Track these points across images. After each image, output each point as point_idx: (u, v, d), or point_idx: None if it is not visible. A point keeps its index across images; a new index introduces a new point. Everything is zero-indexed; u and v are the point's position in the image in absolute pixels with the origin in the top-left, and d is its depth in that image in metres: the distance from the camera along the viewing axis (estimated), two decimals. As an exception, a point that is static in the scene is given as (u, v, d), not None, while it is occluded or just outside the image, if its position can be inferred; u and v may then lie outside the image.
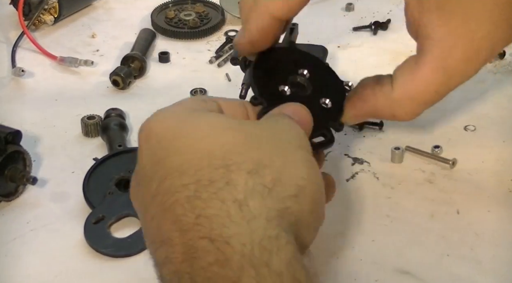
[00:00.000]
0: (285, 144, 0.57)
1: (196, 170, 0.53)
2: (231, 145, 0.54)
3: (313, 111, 0.63)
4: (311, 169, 0.56)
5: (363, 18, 1.05)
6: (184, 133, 0.55)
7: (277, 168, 0.54)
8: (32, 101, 0.92)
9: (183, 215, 0.51)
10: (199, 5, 1.07)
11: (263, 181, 0.53)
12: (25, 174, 0.76)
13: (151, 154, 0.56)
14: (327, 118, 0.66)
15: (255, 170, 0.53)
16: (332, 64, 0.95)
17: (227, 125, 0.56)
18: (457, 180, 0.79)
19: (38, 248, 0.72)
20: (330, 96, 0.66)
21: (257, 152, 0.54)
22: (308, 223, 0.55)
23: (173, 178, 0.53)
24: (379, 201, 0.77)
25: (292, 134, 0.58)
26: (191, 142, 0.54)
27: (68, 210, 0.76)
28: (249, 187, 0.52)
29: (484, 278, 0.68)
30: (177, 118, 0.57)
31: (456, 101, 0.89)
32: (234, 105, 0.63)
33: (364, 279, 0.68)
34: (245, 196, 0.51)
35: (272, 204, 0.52)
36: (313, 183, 0.56)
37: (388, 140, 0.84)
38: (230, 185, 0.52)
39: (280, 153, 0.55)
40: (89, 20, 1.07)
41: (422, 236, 0.72)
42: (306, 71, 0.67)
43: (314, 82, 0.67)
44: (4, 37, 1.03)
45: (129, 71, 0.94)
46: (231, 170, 0.53)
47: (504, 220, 0.74)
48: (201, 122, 0.56)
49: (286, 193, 0.53)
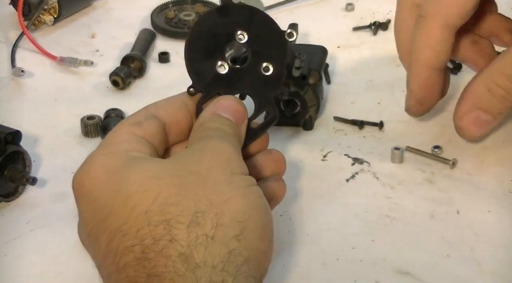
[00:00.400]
0: (217, 175, 0.57)
1: (138, 230, 0.54)
2: (165, 197, 0.55)
3: (254, 86, 0.63)
4: (249, 196, 0.58)
5: (363, 18, 1.05)
6: (117, 188, 0.56)
7: (215, 210, 0.55)
8: (32, 101, 0.92)
9: (136, 276, 0.53)
10: (199, 5, 1.07)
11: (204, 231, 0.54)
12: (25, 174, 0.76)
13: (91, 213, 0.57)
14: (270, 88, 0.65)
15: (194, 222, 0.54)
16: (332, 64, 0.96)
17: (155, 174, 0.56)
18: (457, 180, 0.79)
19: (38, 248, 0.72)
20: (271, 58, 0.64)
21: (192, 200, 0.55)
22: (261, 250, 0.57)
23: (118, 240, 0.55)
24: (379, 201, 0.77)
25: (223, 160, 0.58)
26: (124, 200, 0.56)
27: (68, 210, 0.76)
28: (192, 239, 0.54)
29: (484, 278, 0.68)
30: (107, 172, 0.58)
31: (456, 101, 0.89)
32: (174, 110, 0.65)
33: (364, 279, 0.68)
34: (189, 249, 0.53)
35: (217, 250, 0.54)
36: (255, 209, 0.57)
37: (388, 140, 0.84)
38: (174, 241, 0.53)
39: (214, 191, 0.56)
40: (89, 20, 1.07)
41: (422, 236, 0.72)
42: (244, 33, 0.65)
43: (253, 43, 0.65)
44: (4, 37, 1.03)
45: (129, 71, 0.94)
46: (171, 225, 0.54)
47: (504, 220, 0.74)
48: (131, 175, 0.57)
49: (229, 236, 0.55)
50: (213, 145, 0.60)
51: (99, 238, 0.57)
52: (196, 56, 0.65)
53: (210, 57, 0.65)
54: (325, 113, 0.88)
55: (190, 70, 0.66)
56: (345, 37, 1.02)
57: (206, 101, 0.65)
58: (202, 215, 0.55)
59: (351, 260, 0.70)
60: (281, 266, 0.69)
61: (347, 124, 0.87)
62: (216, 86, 0.65)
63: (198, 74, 0.66)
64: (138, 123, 0.62)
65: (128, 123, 0.63)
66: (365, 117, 0.87)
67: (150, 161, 0.59)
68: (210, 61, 0.65)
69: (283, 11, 1.07)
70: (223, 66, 0.65)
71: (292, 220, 0.74)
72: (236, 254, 0.55)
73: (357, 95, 0.91)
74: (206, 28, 0.65)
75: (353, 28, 1.04)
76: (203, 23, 0.66)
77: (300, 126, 0.86)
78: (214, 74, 0.65)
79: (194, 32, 0.66)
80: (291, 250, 0.71)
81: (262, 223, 0.58)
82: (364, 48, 1.00)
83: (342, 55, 0.99)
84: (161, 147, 0.64)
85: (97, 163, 0.59)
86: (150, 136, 0.62)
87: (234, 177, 0.58)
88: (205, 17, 0.66)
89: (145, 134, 0.62)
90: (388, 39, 1.01)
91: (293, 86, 0.83)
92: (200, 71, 0.65)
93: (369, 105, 0.90)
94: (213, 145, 0.60)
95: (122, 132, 0.62)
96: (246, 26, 0.64)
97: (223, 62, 0.65)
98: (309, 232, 0.73)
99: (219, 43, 0.65)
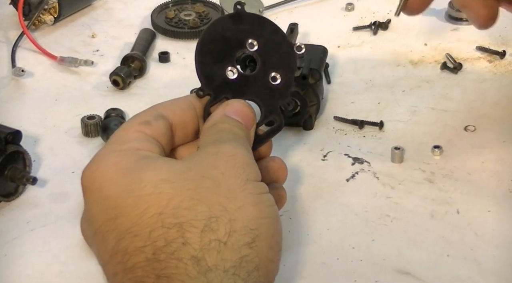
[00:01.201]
0: (232, 181, 0.57)
1: (150, 231, 0.54)
2: (178, 200, 0.55)
3: (262, 94, 0.63)
4: (262, 205, 0.58)
5: (363, 18, 1.05)
6: (128, 189, 0.56)
7: (229, 216, 0.55)
8: (32, 101, 0.92)
9: (144, 276, 0.53)
10: (199, 5, 1.07)
11: (217, 236, 0.54)
12: (25, 174, 0.76)
13: (101, 210, 0.57)
14: (277, 97, 0.65)
15: (208, 227, 0.54)
16: (332, 64, 0.96)
17: (168, 177, 0.56)
18: (457, 180, 0.79)
19: (38, 248, 0.72)
20: (279, 67, 0.65)
21: (206, 205, 0.55)
22: (270, 259, 0.57)
23: (128, 240, 0.55)
24: (379, 201, 0.77)
25: (238, 165, 0.58)
26: (136, 201, 0.55)
27: (68, 210, 0.76)
28: (204, 243, 0.54)
29: (484, 278, 0.68)
30: (118, 170, 0.57)
31: (456, 101, 0.89)
32: (182, 111, 0.64)
33: (364, 279, 0.68)
34: (202, 252, 0.53)
35: (229, 255, 0.54)
36: (267, 218, 0.57)
37: (388, 140, 0.84)
38: (186, 244, 0.53)
39: (228, 197, 0.56)
40: (89, 20, 1.07)
41: (422, 236, 0.72)
42: (255, 41, 0.65)
43: (263, 52, 0.65)
44: (4, 37, 1.03)
45: (129, 71, 0.94)
46: (185, 229, 0.54)
47: (504, 220, 0.74)
48: (144, 176, 0.56)
49: (241, 243, 0.55)
50: (228, 148, 0.59)
51: (106, 237, 0.56)
52: (207, 59, 0.66)
53: (220, 62, 0.65)
54: (325, 113, 0.88)
55: (200, 72, 0.66)
56: (345, 37, 1.02)
57: (213, 105, 0.65)
58: (216, 220, 0.55)
59: (351, 260, 0.70)
60: (281, 266, 0.69)
61: (347, 124, 0.87)
62: (224, 91, 0.65)
63: (207, 77, 0.66)
64: (147, 123, 0.62)
65: (137, 122, 0.62)
66: (365, 117, 0.87)
67: (162, 162, 0.59)
68: (220, 65, 0.65)
69: (283, 11, 1.07)
70: (232, 71, 0.65)
71: (292, 220, 0.74)
72: (248, 261, 0.55)
73: (357, 95, 0.91)
74: (218, 32, 0.66)
75: (353, 28, 1.04)
76: (215, 28, 0.66)
77: (300, 126, 0.86)
78: (223, 78, 0.66)
79: (206, 35, 0.66)
80: (291, 250, 0.71)
81: (273, 232, 0.58)
82: (364, 48, 1.00)
83: (342, 55, 0.99)
84: (168, 147, 0.64)
85: (108, 160, 0.58)
86: (159, 136, 0.62)
87: (248, 184, 0.58)
88: (218, 22, 0.66)
89: (154, 134, 0.62)
90: (388, 39, 1.01)
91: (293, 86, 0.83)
92: (209, 74, 0.66)
93: (369, 105, 0.90)
94: (228, 149, 0.59)
95: (132, 131, 0.62)
96: (257, 35, 0.65)
97: (232, 67, 0.65)
98: (309, 232, 0.73)
99: (230, 49, 0.66)
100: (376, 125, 0.86)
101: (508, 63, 0.96)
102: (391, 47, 1.00)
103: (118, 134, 0.62)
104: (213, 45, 0.66)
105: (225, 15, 0.67)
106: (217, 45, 0.66)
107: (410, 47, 0.99)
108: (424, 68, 0.96)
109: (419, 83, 0.93)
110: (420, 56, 0.97)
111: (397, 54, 0.98)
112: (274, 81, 0.65)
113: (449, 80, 0.93)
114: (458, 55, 0.96)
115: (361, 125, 0.86)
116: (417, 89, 0.92)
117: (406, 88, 0.92)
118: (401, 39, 1.00)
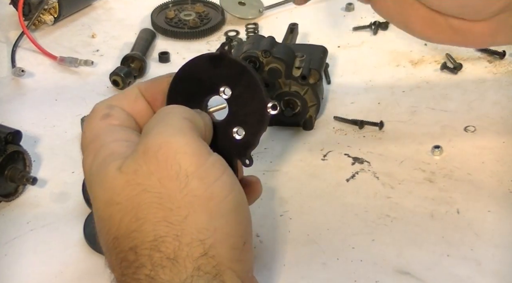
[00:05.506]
0: (170, 186, 0.54)
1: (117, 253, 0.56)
2: (127, 221, 0.55)
3: (222, 144, 0.60)
4: (211, 205, 0.54)
5: (363, 18, 1.05)
6: (103, 206, 0.57)
7: (174, 232, 0.54)
8: (32, 101, 0.92)
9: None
10: (199, 5, 1.07)
11: (166, 255, 0.53)
12: (25, 174, 0.76)
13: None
14: (235, 153, 0.60)
15: (155, 248, 0.54)
16: (332, 64, 0.96)
17: (112, 197, 0.55)
18: (457, 180, 0.79)
19: (38, 248, 0.72)
20: (246, 123, 0.60)
21: (150, 223, 0.54)
22: (236, 258, 0.55)
23: (107, 258, 0.57)
24: (379, 201, 0.77)
25: (169, 163, 0.54)
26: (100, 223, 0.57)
27: (68, 210, 0.76)
28: (155, 262, 0.53)
29: (484, 278, 0.68)
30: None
31: (456, 102, 0.89)
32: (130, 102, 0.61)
33: (364, 279, 0.68)
34: (154, 271, 0.53)
35: (182, 268, 0.53)
36: (220, 219, 0.55)
37: (388, 140, 0.84)
38: (141, 267, 0.54)
39: (171, 209, 0.54)
40: (89, 20, 1.07)
41: (422, 236, 0.72)
42: (229, 89, 0.60)
43: (234, 102, 0.60)
44: (4, 37, 1.03)
45: (129, 71, 0.94)
46: (137, 252, 0.54)
47: (504, 220, 0.74)
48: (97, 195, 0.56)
49: (195, 256, 0.54)
50: (152, 141, 0.55)
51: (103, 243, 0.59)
52: (177, 98, 0.62)
53: (189, 102, 0.61)
54: (325, 113, 0.88)
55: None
56: (345, 37, 1.02)
57: None
58: (162, 240, 0.54)
59: (351, 260, 0.70)
60: (281, 266, 0.69)
61: (347, 124, 0.87)
62: None
63: None
64: (106, 115, 0.59)
65: (98, 119, 0.59)
66: (365, 117, 0.87)
67: (106, 178, 0.56)
68: (189, 105, 0.61)
69: (283, 11, 1.07)
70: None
71: (292, 220, 0.74)
72: (206, 271, 0.54)
73: (357, 95, 0.91)
74: (193, 72, 0.62)
75: (353, 28, 1.04)
76: (191, 67, 0.62)
77: (300, 126, 0.86)
78: None
79: (180, 73, 0.62)
80: (291, 250, 0.71)
81: (232, 230, 0.55)
82: (364, 48, 1.00)
83: (342, 55, 0.99)
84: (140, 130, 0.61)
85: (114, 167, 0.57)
86: (125, 121, 0.60)
87: (190, 182, 0.54)
88: (196, 61, 0.62)
89: (121, 122, 0.60)
90: (388, 39, 1.01)
91: (293, 86, 0.83)
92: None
93: (369, 105, 0.90)
94: (152, 142, 0.55)
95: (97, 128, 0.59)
96: (232, 83, 0.60)
97: (201, 111, 0.61)
98: (309, 232, 0.73)
99: (202, 92, 0.62)
100: (376, 125, 0.86)
101: (508, 64, 0.96)
102: (391, 47, 1.00)
103: (91, 138, 0.59)
104: (186, 84, 0.62)
105: (205, 54, 0.61)
106: (189, 85, 0.62)
107: (410, 47, 0.99)
108: (424, 68, 0.96)
109: (419, 83, 0.93)
110: (420, 56, 0.97)
111: (397, 54, 0.98)
112: (237, 135, 0.60)
113: (449, 81, 0.93)
114: (458, 55, 0.96)
115: (361, 125, 0.86)
116: (417, 89, 0.92)
117: (406, 88, 0.92)
118: (401, 39, 0.99)
